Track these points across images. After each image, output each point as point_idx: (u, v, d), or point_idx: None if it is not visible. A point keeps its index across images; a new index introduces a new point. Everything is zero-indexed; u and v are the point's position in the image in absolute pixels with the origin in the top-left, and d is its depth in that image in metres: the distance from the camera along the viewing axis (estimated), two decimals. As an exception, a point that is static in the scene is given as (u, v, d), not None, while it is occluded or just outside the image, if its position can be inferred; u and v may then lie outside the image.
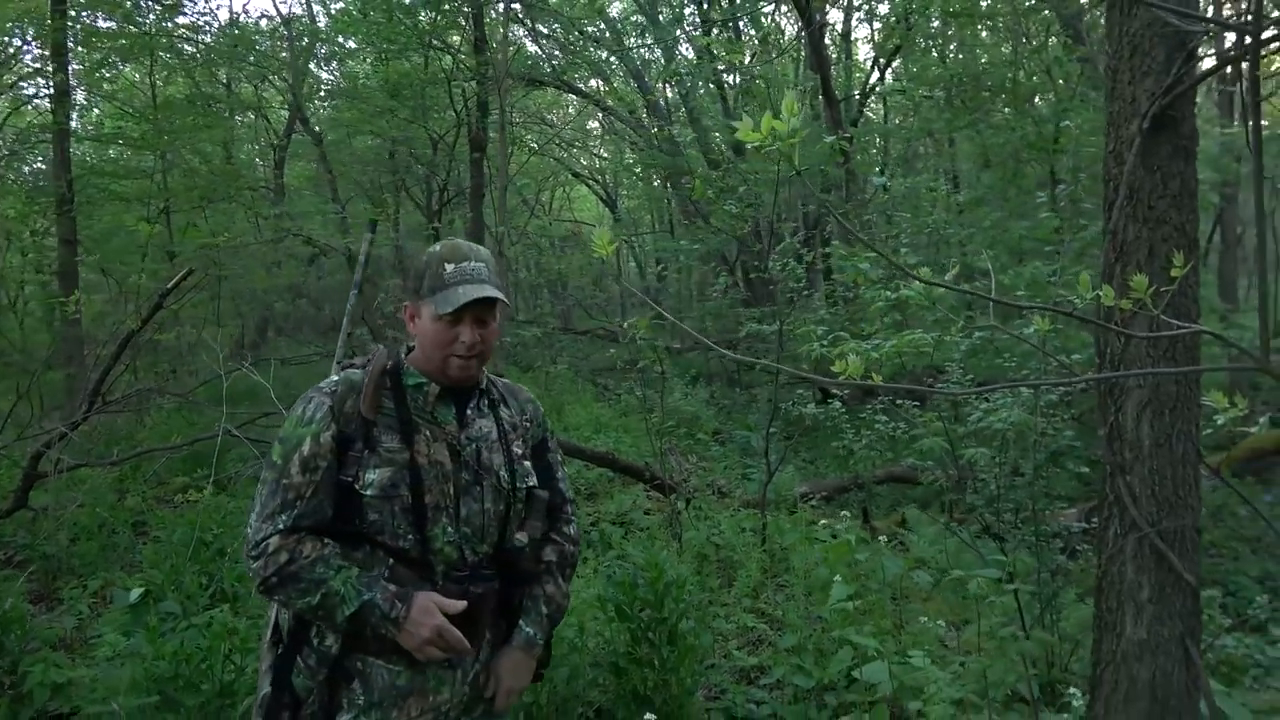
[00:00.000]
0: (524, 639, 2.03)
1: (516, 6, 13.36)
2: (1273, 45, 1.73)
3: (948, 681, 2.56)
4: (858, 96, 14.28)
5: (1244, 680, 3.56)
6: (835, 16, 15.04)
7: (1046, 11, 10.29)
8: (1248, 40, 1.50)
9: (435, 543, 1.92)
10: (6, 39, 10.47)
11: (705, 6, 14.66)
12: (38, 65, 10.48)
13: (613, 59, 15.02)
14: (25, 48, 10.78)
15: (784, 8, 14.85)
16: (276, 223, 12.48)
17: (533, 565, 2.07)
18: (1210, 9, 9.58)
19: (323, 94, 16.20)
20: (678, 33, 14.13)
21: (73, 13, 9.67)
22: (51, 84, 9.60)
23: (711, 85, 14.61)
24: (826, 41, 12.73)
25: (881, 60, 14.15)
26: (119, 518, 6.53)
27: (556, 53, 15.02)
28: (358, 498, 1.89)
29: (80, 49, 10.56)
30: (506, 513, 2.02)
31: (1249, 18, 1.56)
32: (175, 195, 10.35)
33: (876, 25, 15.65)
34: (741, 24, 14.70)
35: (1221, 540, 6.94)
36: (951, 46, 13.22)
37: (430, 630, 1.85)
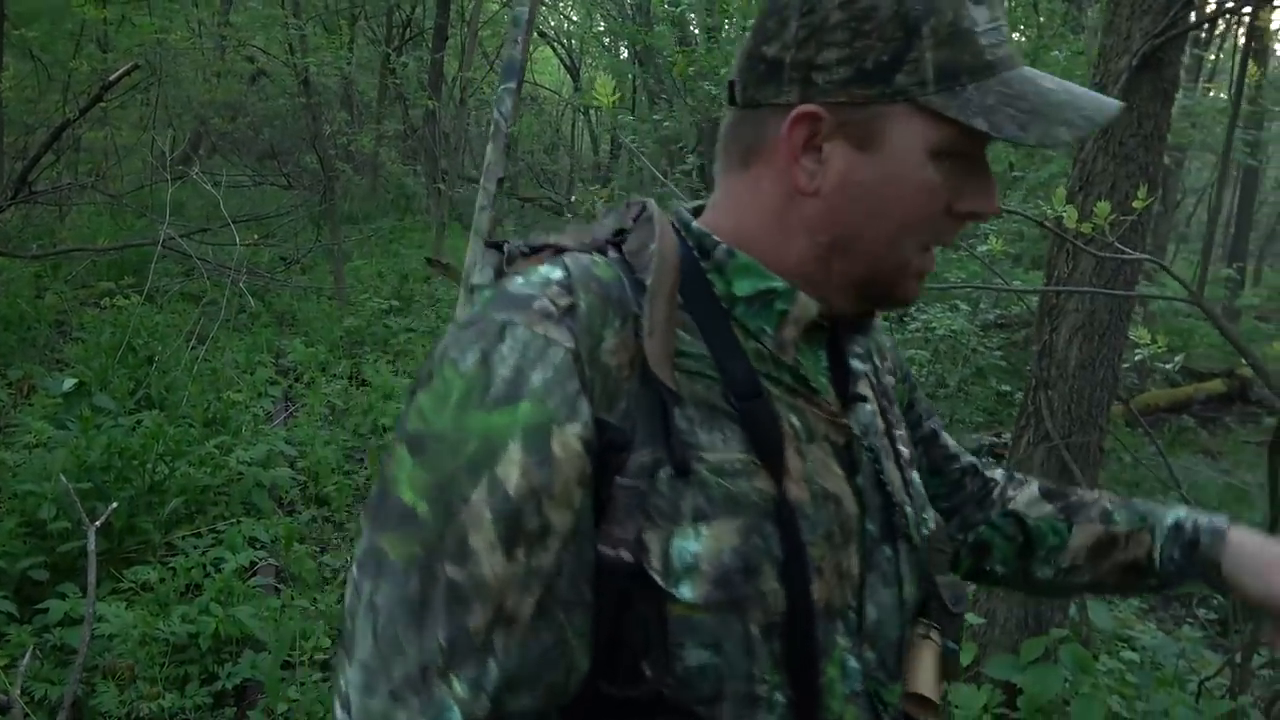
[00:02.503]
0: None
1: None
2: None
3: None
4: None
5: (1103, 599, 3.95)
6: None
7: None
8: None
9: (831, 704, 0.73)
10: None
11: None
12: None
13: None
14: None
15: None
16: (220, 30, 11.76)
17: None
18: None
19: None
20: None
21: None
22: None
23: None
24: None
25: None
26: (39, 313, 6.37)
27: (541, -102, 14.23)
28: (659, 607, 0.66)
29: None
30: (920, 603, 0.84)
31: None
32: (115, -18, 9.61)
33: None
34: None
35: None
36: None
37: None
